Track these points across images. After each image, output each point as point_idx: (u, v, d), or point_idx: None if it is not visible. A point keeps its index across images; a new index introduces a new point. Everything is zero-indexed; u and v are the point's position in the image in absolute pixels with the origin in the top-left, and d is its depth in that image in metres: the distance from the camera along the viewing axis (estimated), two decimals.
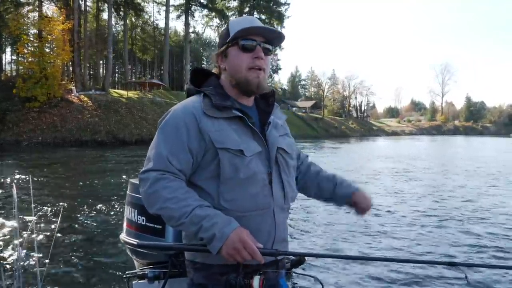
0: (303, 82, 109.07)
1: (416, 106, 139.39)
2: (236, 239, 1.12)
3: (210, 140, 1.21)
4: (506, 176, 13.06)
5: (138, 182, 1.89)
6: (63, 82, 32.03)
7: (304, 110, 76.89)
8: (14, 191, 2.02)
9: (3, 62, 47.47)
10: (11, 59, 50.81)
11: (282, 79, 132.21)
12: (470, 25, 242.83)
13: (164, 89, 45.46)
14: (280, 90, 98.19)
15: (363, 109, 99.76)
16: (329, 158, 20.14)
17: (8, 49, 48.98)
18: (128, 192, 2.08)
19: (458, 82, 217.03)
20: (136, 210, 1.99)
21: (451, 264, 1.31)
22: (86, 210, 6.92)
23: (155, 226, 1.91)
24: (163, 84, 45.53)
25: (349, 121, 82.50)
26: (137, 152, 19.56)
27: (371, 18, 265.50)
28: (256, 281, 1.15)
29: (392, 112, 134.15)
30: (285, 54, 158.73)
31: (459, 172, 14.23)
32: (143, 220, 1.94)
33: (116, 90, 41.14)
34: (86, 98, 31.47)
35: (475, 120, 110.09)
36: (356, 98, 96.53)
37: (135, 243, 1.98)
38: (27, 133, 26.65)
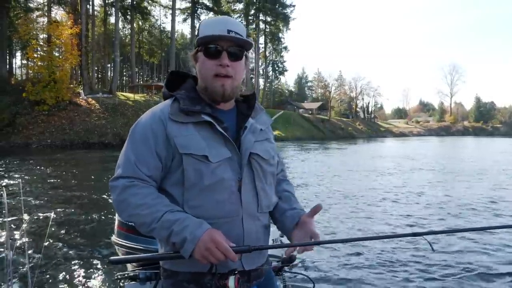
0: (309, 84, 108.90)
1: (425, 107, 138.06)
2: (208, 239, 1.11)
3: (175, 145, 1.20)
4: (483, 174, 13.51)
5: None
6: (71, 85, 32.57)
7: (310, 112, 76.77)
8: (4, 194, 2.12)
9: (14, 66, 48.43)
10: (21, 64, 51.74)
11: (288, 81, 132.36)
12: (478, 25, 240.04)
13: None
14: (286, 91, 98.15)
15: (370, 110, 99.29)
16: (332, 159, 20.27)
17: (19, 54, 49.99)
18: None
19: (467, 82, 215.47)
20: None
21: (415, 235, 1.35)
22: (80, 211, 6.92)
23: None
24: None
25: (356, 123, 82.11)
26: None
27: (378, 19, 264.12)
28: (231, 281, 1.17)
29: (400, 113, 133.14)
30: (291, 56, 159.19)
31: (439, 170, 14.86)
32: None
33: (123, 93, 41.65)
34: (93, 101, 31.90)
35: (485, 120, 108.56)
36: (363, 99, 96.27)
37: (124, 243, 2.04)
38: (36, 135, 27.11)
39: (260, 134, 1.33)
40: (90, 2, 41.88)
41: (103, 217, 6.44)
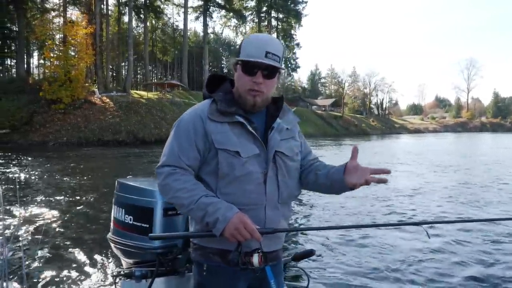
0: (323, 80, 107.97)
1: (441, 103, 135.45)
2: (237, 220, 1.28)
3: (212, 141, 1.39)
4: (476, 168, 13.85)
5: (126, 182, 2.12)
6: (86, 84, 33.16)
7: (323, 108, 76.23)
8: (0, 190, 2.21)
9: (31, 66, 49.53)
10: (38, 63, 52.92)
11: (301, 77, 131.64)
12: (496, 19, 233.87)
13: (183, 89, 46.25)
14: (299, 88, 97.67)
15: (384, 106, 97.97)
16: (342, 155, 20.16)
17: (36, 54, 51.12)
18: (115, 191, 2.12)
19: (485, 77, 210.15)
20: (123, 210, 2.02)
21: (415, 224, 1.49)
22: (79, 208, 6.93)
23: (142, 225, 1.94)
24: (181, 84, 46.32)
25: (370, 119, 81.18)
26: (154, 151, 20.11)
27: (393, 14, 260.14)
28: (255, 258, 1.33)
29: (416, 109, 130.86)
30: (304, 52, 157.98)
31: (437, 165, 14.54)
32: (130, 219, 1.99)
33: (137, 91, 42.16)
34: (108, 100, 32.44)
35: (504, 116, 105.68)
36: (377, 95, 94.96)
37: (119, 240, 2.02)
38: (53, 133, 27.79)
39: (286, 133, 1.51)
40: (104, 2, 42.50)
41: (100, 215, 6.40)
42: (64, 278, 3.82)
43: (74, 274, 3.92)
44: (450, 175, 12.36)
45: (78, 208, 7.03)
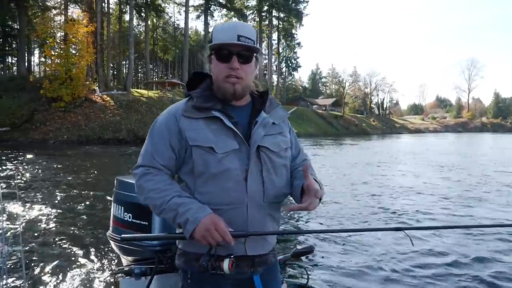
0: (323, 80, 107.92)
1: (442, 103, 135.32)
2: (209, 222, 1.21)
3: (186, 138, 1.33)
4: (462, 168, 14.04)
5: (125, 180, 2.13)
6: (87, 82, 33.14)
7: (324, 108, 76.15)
8: None
9: (32, 64, 49.55)
10: (39, 61, 52.92)
11: (302, 77, 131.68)
12: (497, 20, 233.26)
13: (184, 88, 46.20)
14: (300, 87, 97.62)
15: (385, 106, 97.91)
16: (342, 154, 20.21)
17: (37, 52, 51.15)
18: (114, 189, 2.14)
19: (486, 77, 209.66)
20: (123, 207, 2.04)
21: (397, 229, 1.42)
22: (78, 205, 6.91)
23: (142, 222, 1.95)
24: (182, 83, 46.29)
25: (371, 119, 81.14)
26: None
27: (394, 13, 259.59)
28: (226, 263, 1.25)
29: (416, 109, 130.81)
30: (305, 52, 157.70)
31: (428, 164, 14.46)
32: (129, 217, 2.00)
33: (138, 90, 42.13)
34: (108, 98, 32.36)
35: (504, 116, 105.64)
36: (378, 95, 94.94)
37: (119, 238, 2.11)
38: (53, 131, 27.75)
39: (272, 128, 1.42)
40: (105, 0, 42.42)
41: (100, 212, 6.38)
42: (64, 275, 3.82)
43: (73, 271, 3.92)
44: (448, 175, 12.32)
45: (78, 205, 7.03)
